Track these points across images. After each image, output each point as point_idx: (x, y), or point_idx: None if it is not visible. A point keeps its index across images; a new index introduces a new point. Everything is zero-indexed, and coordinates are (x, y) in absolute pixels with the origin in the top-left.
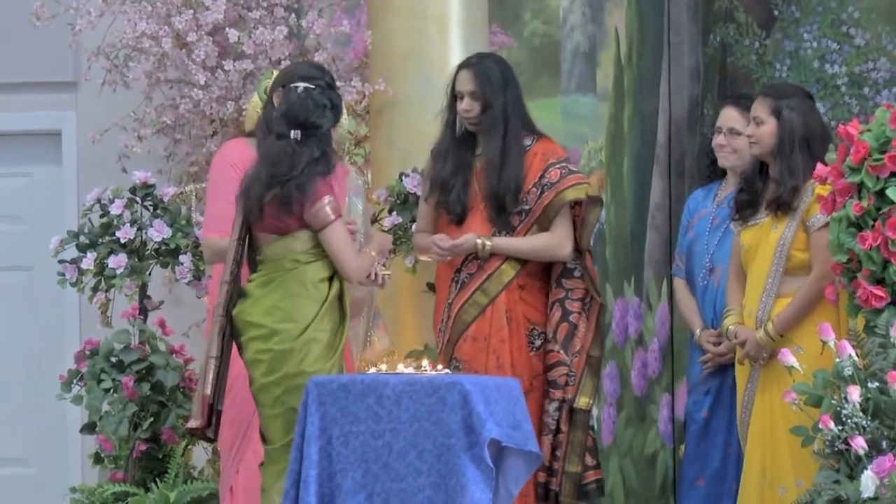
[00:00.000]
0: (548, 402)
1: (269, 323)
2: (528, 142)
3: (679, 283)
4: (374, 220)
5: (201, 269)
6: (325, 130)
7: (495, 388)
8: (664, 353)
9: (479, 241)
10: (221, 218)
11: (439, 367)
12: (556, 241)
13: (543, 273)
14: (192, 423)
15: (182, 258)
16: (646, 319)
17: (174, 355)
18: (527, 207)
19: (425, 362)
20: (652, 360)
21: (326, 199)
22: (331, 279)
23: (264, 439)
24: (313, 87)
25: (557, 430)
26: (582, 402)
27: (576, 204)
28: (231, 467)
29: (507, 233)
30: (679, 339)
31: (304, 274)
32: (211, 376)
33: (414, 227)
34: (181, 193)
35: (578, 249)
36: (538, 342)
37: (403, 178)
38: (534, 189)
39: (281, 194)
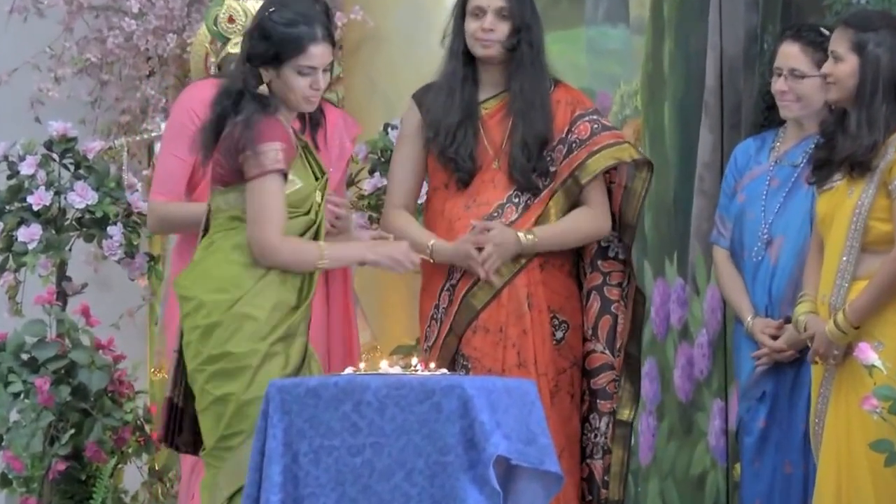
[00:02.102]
0: (595, 417)
1: (198, 293)
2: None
3: (721, 255)
4: (352, 183)
5: (135, 243)
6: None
7: (504, 392)
8: (715, 349)
9: (520, 234)
10: (171, 177)
11: (432, 365)
12: (601, 219)
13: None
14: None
15: (111, 230)
16: (692, 306)
17: (101, 351)
18: (552, 169)
19: (415, 360)
20: (700, 356)
21: (278, 144)
22: None
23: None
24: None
25: (607, 450)
26: (623, 413)
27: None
28: (186, 494)
29: (530, 199)
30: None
31: (239, 236)
32: (172, 372)
33: (386, 199)
34: (110, 149)
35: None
36: (560, 334)
37: (388, 130)
38: (560, 146)
39: (227, 133)
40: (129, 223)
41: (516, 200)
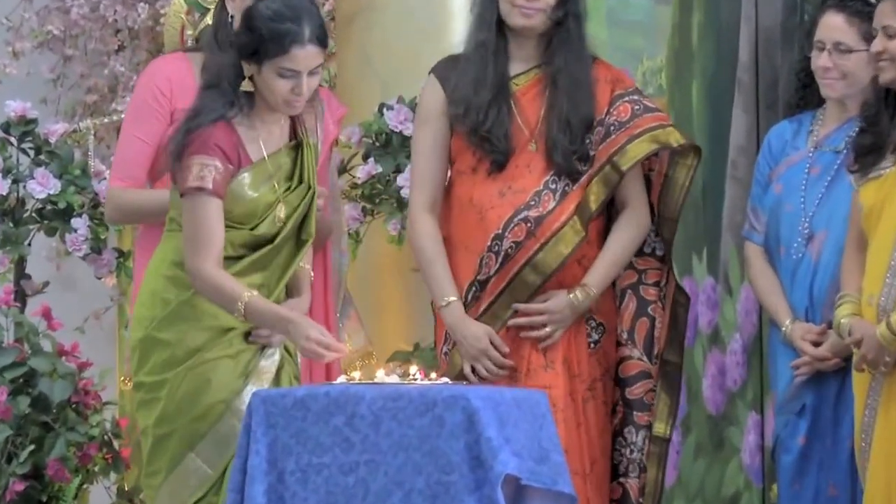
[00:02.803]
0: (631, 430)
1: (137, 304)
2: None
3: (754, 252)
4: (343, 171)
5: (102, 237)
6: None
7: (514, 404)
8: (750, 356)
9: (574, 295)
10: (131, 162)
11: (433, 374)
12: (643, 218)
13: (600, 239)
14: None
15: (75, 223)
16: (723, 308)
17: (64, 358)
18: (592, 152)
19: (415, 369)
20: (732, 364)
21: (206, 159)
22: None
23: None
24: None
25: (643, 468)
26: (658, 427)
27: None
28: None
29: (568, 185)
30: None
31: (175, 242)
32: None
33: (408, 192)
34: (74, 132)
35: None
36: (596, 336)
37: (385, 111)
38: (598, 128)
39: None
40: (96, 215)
41: (553, 187)
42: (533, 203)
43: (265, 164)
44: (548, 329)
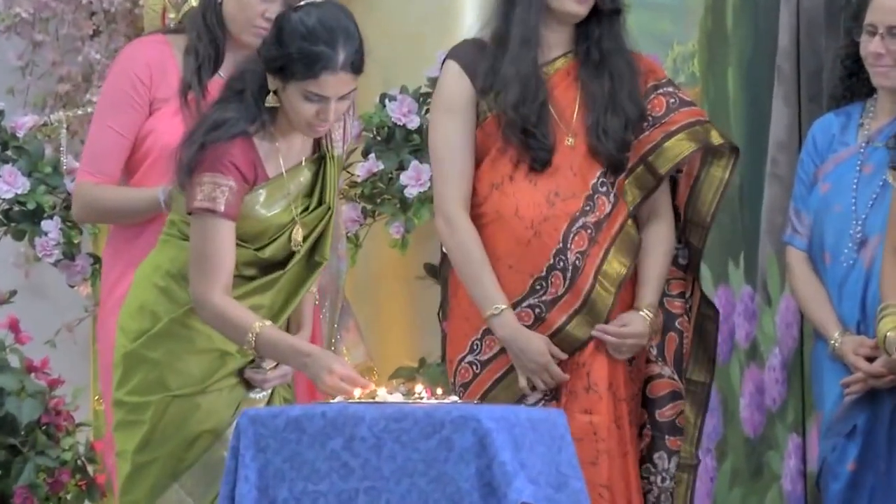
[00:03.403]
0: (662, 456)
1: (122, 312)
2: None
3: (797, 258)
4: (342, 168)
5: (75, 241)
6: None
7: (529, 426)
8: (790, 373)
9: (644, 313)
10: (104, 155)
11: (439, 391)
12: (673, 225)
13: (634, 253)
14: None
15: (46, 225)
16: (762, 320)
17: (33, 375)
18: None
19: (420, 387)
20: (772, 382)
21: (220, 178)
22: None
23: None
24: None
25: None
26: (685, 450)
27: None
28: None
29: (613, 182)
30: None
31: (172, 251)
32: None
33: (438, 195)
34: (45, 125)
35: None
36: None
37: (386, 101)
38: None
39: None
40: (69, 217)
41: (603, 189)
42: (588, 208)
43: (282, 180)
44: (627, 354)
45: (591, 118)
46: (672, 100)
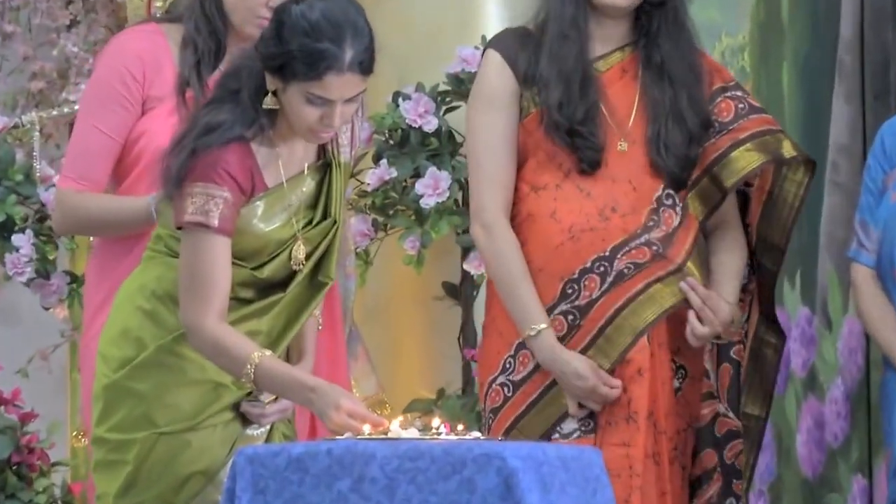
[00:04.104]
0: (728, 502)
1: (102, 339)
2: None
3: (863, 276)
4: (351, 175)
5: (50, 257)
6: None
7: (560, 465)
8: (854, 406)
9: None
10: (89, 158)
11: (459, 426)
12: (744, 242)
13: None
14: None
15: (17, 240)
16: (822, 346)
17: (3, 408)
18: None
19: (438, 421)
20: (832, 416)
21: (213, 188)
22: None
23: None
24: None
25: None
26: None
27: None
28: None
29: (678, 195)
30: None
31: (158, 269)
32: None
33: (475, 200)
34: (15, 127)
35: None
36: (677, 382)
37: (400, 101)
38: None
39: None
40: (43, 230)
41: (669, 202)
42: (652, 223)
43: (283, 190)
44: (707, 330)
45: (652, 128)
46: (741, 105)
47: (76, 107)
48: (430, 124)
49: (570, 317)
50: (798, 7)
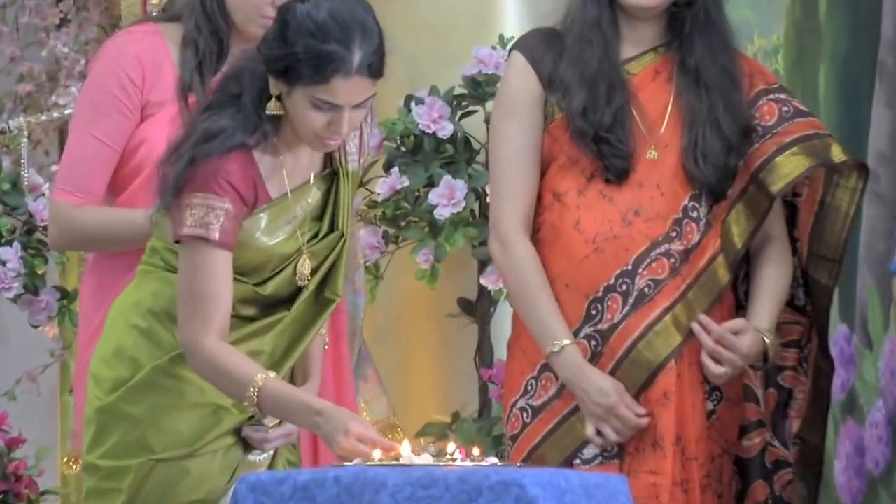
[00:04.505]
0: None
1: (94, 359)
2: None
3: None
4: (360, 184)
5: (39, 272)
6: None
7: (583, 493)
8: None
9: (768, 341)
10: (86, 168)
11: (475, 451)
12: (790, 257)
13: (715, 299)
14: None
15: (4, 253)
16: (862, 366)
17: None
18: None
19: (453, 446)
20: (874, 441)
21: (213, 199)
22: None
23: None
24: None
25: None
26: None
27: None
28: None
29: (710, 212)
30: None
31: (154, 284)
32: None
33: (494, 212)
34: (1, 133)
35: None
36: (711, 405)
37: (413, 105)
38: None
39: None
40: (31, 243)
41: (694, 214)
42: (675, 234)
43: (287, 202)
44: (725, 370)
45: (688, 137)
46: (785, 108)
47: (66, 111)
48: (445, 130)
49: (593, 342)
50: (837, 7)
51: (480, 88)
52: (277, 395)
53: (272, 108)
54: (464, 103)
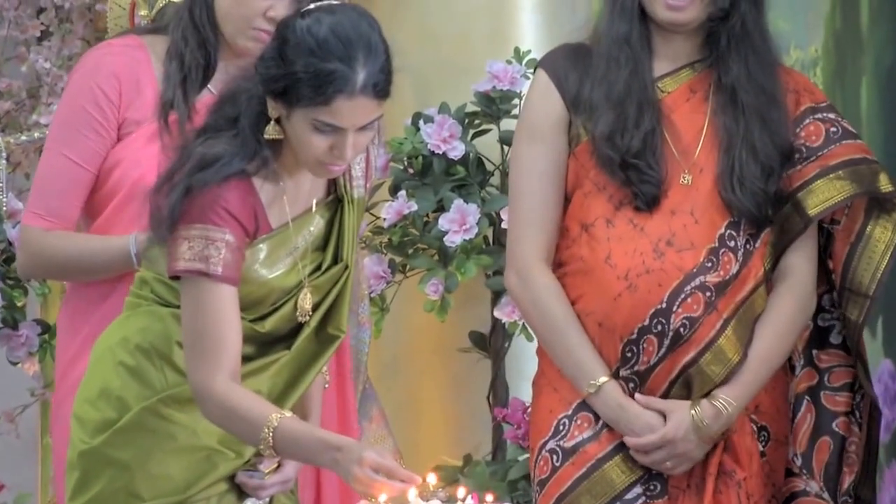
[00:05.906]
0: None
1: (77, 400)
2: None
3: None
4: (365, 209)
5: (19, 304)
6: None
7: None
8: None
9: (694, 412)
10: (58, 191)
11: (489, 497)
12: (811, 289)
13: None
14: None
15: None
16: None
17: None
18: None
19: (464, 491)
20: None
21: (211, 230)
22: None
23: None
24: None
25: None
26: None
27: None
28: None
29: (751, 241)
30: None
31: (143, 319)
32: None
33: (511, 243)
34: None
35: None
36: (762, 445)
37: (422, 124)
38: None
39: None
40: (11, 273)
41: (732, 244)
42: (710, 264)
43: (288, 232)
44: (668, 465)
45: (724, 161)
46: (833, 128)
47: (47, 130)
48: (456, 150)
49: (632, 384)
50: (880, 16)
51: (494, 105)
52: (295, 434)
53: (271, 132)
54: (476, 121)
